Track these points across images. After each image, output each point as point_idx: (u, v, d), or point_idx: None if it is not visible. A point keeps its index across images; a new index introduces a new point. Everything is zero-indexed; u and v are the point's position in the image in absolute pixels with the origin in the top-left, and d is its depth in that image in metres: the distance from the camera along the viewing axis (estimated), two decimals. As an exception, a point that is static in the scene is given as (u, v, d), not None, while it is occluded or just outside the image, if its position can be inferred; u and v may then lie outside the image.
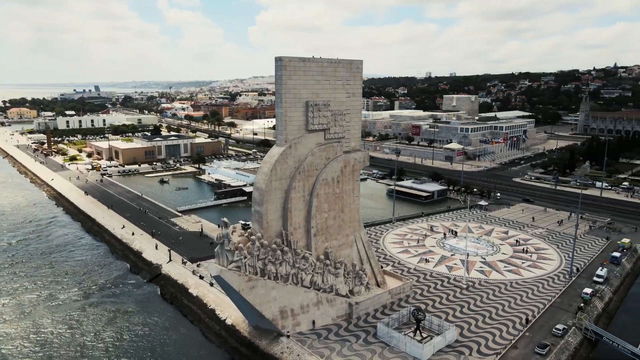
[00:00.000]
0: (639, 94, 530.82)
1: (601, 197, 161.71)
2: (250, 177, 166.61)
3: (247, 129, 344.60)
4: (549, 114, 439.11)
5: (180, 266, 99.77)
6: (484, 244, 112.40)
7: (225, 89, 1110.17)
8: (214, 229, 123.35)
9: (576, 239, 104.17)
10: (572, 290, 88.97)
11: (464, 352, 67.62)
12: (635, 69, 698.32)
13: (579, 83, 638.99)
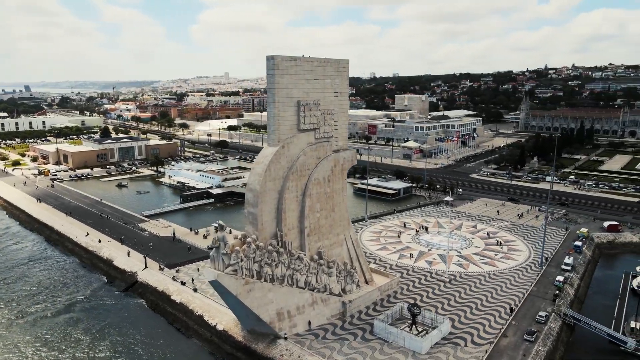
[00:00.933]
0: (570, 94, 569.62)
1: (552, 190, 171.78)
2: (215, 179, 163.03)
3: (200, 130, 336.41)
4: (491, 112, 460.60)
5: (157, 273, 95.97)
6: (456, 238, 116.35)
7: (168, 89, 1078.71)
8: (185, 233, 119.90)
9: (546, 230, 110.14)
10: (544, 278, 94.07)
11: (460, 344, 69.79)
12: (563, 70, 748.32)
13: (515, 83, 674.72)
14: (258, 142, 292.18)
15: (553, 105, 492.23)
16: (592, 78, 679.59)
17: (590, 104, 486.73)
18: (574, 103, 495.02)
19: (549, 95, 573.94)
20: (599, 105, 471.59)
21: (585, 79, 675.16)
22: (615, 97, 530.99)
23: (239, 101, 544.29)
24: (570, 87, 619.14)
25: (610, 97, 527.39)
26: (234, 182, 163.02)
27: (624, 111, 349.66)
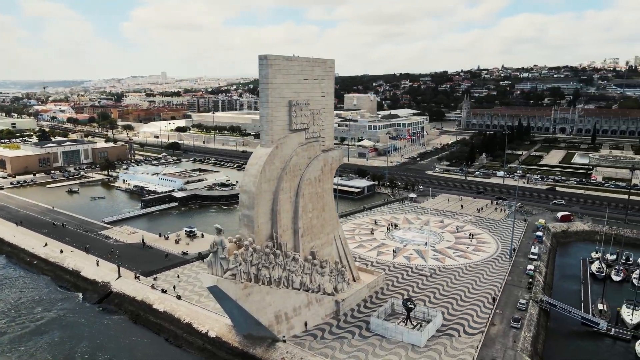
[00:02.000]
0: (502, 93, 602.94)
1: (504, 184, 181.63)
2: (177, 182, 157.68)
3: (146, 132, 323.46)
4: (433, 111, 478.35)
5: (134, 282, 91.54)
6: (427, 233, 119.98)
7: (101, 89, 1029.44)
8: (155, 239, 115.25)
9: (514, 223, 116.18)
10: (516, 268, 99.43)
11: (454, 335, 72.32)
12: (494, 71, 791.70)
13: (452, 83, 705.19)
14: (210, 144, 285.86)
15: (488, 104, 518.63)
16: (521, 78, 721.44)
17: (522, 102, 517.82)
18: (507, 102, 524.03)
19: (484, 94, 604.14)
20: (530, 103, 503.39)
21: (514, 79, 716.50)
22: (543, 96, 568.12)
23: (183, 102, 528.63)
24: (502, 87, 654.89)
25: (538, 96, 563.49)
26: (197, 185, 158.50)
27: (554, 109, 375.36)
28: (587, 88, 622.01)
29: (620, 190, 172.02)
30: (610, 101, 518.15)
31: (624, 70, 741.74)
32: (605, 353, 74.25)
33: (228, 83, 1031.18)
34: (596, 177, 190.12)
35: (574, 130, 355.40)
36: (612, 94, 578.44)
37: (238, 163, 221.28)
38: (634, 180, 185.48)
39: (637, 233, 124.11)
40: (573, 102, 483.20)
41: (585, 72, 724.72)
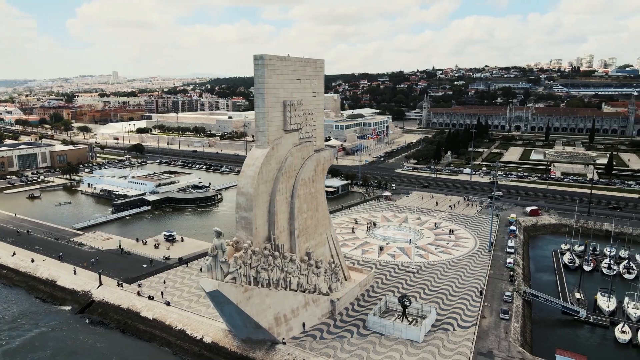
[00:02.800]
0: (458, 92, 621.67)
1: (471, 180, 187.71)
2: (148, 185, 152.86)
3: (105, 134, 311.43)
4: (394, 110, 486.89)
5: (117, 289, 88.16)
6: (407, 230, 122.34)
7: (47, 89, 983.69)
8: (132, 245, 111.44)
9: (492, 219, 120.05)
10: (496, 262, 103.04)
11: (449, 329, 74.16)
12: (449, 71, 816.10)
13: (409, 83, 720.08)
14: (174, 145, 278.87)
15: (445, 103, 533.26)
16: (474, 78, 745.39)
17: (476, 102, 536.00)
18: (463, 101, 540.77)
19: (441, 94, 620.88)
20: (484, 103, 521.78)
21: (468, 79, 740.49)
22: (496, 95, 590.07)
23: (140, 102, 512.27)
24: (457, 86, 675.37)
25: (492, 96, 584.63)
26: (169, 188, 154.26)
27: (509, 108, 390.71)
28: (535, 88, 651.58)
29: (578, 184, 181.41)
30: (557, 100, 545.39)
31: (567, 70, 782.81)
32: (586, 339, 78.25)
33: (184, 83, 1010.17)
34: (555, 172, 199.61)
35: (528, 128, 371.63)
36: (558, 93, 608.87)
37: (207, 164, 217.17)
38: (589, 174, 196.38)
39: (600, 225, 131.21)
40: (524, 101, 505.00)
41: (532, 73, 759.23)
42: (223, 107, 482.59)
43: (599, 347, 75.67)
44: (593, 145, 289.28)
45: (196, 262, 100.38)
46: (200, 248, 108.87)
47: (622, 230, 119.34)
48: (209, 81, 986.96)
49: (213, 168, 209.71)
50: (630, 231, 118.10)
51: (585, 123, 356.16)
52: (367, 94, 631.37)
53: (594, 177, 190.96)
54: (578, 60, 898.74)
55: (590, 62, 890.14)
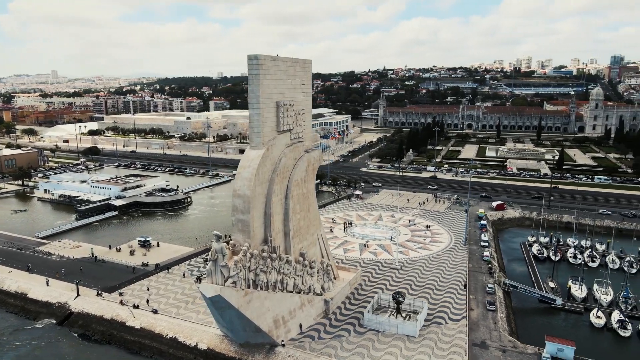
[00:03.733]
0: (410, 92, 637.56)
1: (436, 178, 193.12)
2: (113, 190, 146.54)
3: (53, 137, 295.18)
4: (349, 110, 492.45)
5: (97, 299, 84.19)
6: (383, 228, 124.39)
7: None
8: (105, 252, 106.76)
9: (468, 215, 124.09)
10: (473, 255, 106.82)
11: (441, 322, 76.26)
12: (399, 71, 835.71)
13: (362, 82, 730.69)
14: (130, 147, 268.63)
15: (399, 102, 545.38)
16: (423, 78, 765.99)
17: (428, 101, 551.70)
18: (416, 101, 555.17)
19: (394, 93, 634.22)
20: (435, 102, 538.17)
21: (418, 79, 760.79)
22: (446, 95, 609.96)
23: (88, 103, 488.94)
24: (409, 86, 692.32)
25: (442, 95, 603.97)
26: (136, 192, 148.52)
27: (461, 107, 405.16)
28: (481, 88, 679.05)
29: (535, 179, 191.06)
30: (503, 99, 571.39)
31: (509, 71, 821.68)
32: (565, 325, 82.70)
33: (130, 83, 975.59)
34: (512, 168, 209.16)
35: (479, 126, 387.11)
36: (503, 92, 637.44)
37: (170, 167, 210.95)
38: (542, 170, 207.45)
39: (560, 217, 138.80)
40: (472, 100, 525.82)
41: (478, 73, 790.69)
42: (177, 107, 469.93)
43: (577, 332, 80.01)
44: (540, 142, 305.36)
45: (177, 268, 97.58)
46: (179, 253, 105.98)
47: (580, 222, 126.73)
48: (158, 81, 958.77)
49: (177, 170, 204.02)
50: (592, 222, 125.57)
51: (532, 121, 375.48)
52: (322, 94, 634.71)
53: (547, 172, 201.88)
54: (518, 61, 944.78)
55: (529, 63, 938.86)
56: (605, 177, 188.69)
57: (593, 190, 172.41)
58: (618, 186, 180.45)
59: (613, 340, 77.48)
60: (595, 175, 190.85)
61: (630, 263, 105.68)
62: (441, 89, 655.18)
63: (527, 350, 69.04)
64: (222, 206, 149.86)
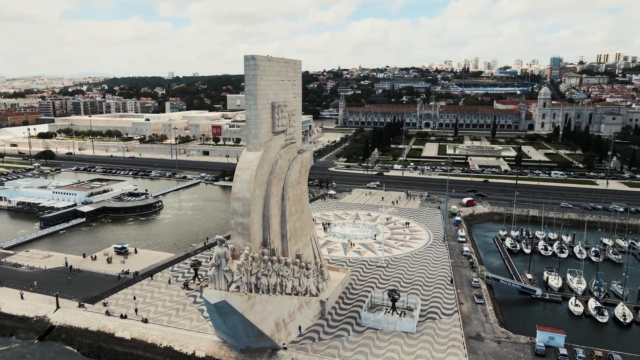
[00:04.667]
0: (366, 92, 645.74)
1: (403, 176, 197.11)
2: (78, 195, 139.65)
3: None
4: (309, 110, 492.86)
5: (79, 311, 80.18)
6: (363, 227, 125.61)
7: None
8: (79, 261, 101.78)
9: (446, 213, 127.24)
10: (453, 251, 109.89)
11: (435, 317, 78.04)
12: (354, 71, 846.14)
13: (319, 82, 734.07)
14: (86, 150, 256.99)
15: (356, 102, 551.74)
16: (378, 78, 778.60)
17: (384, 100, 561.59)
18: (372, 100, 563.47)
19: (350, 93, 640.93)
20: (391, 101, 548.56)
21: (372, 79, 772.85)
22: (401, 94, 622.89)
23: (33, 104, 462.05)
24: (364, 86, 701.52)
25: (397, 95, 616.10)
26: (103, 197, 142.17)
27: (419, 107, 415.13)
28: (434, 87, 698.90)
29: (497, 175, 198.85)
30: (455, 98, 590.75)
31: (458, 71, 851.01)
32: (546, 314, 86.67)
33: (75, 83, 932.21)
34: (474, 165, 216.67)
35: (437, 124, 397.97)
36: (455, 92, 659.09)
37: (133, 170, 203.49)
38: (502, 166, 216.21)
39: (526, 212, 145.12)
40: (427, 99, 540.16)
41: (429, 73, 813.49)
42: (131, 109, 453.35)
43: (559, 320, 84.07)
44: (496, 139, 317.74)
45: (160, 275, 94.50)
46: (159, 259, 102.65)
47: (545, 215, 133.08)
48: (105, 81, 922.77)
49: (141, 174, 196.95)
50: (555, 215, 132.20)
51: (485, 119, 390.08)
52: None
53: (507, 168, 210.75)
54: (466, 62, 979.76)
55: (476, 63, 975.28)
56: (561, 172, 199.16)
57: (551, 185, 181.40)
58: (573, 180, 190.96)
59: (592, 326, 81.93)
60: (552, 171, 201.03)
61: (596, 253, 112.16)
62: (396, 89, 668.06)
63: (520, 340, 71.90)
64: (196, 209, 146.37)
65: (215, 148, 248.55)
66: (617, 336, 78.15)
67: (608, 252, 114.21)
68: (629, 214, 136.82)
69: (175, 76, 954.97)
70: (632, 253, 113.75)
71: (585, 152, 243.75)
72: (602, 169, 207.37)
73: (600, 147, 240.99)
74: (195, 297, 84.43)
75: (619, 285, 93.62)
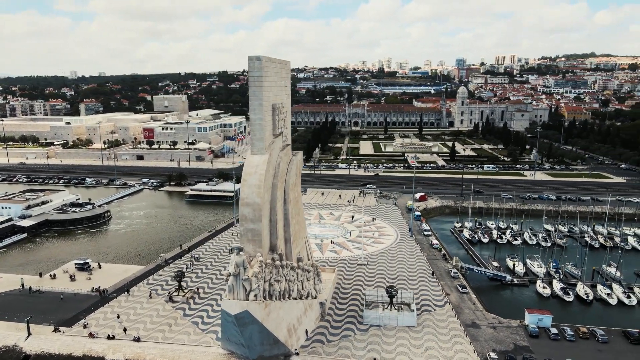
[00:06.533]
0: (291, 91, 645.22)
1: (350, 174, 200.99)
2: (14, 209, 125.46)
3: None
4: (236, 111, 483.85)
5: (56, 336, 72.71)
6: (329, 227, 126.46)
7: None
8: (37, 281, 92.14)
9: (413, 209, 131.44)
10: (422, 244, 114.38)
11: (429, 310, 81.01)
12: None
13: (241, 82, 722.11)
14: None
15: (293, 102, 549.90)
16: (299, 78, 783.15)
17: (309, 100, 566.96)
18: (297, 100, 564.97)
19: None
20: (315, 101, 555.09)
21: (294, 79, 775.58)
22: (324, 94, 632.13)
23: None
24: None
25: (321, 94, 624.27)
26: (43, 209, 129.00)
27: (348, 106, 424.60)
28: (354, 87, 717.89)
29: (436, 170, 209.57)
30: (376, 97, 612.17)
31: (374, 71, 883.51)
32: (519, 297, 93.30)
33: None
34: (414, 161, 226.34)
35: (365, 123, 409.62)
36: (374, 91, 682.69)
37: (64, 178, 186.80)
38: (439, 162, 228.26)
39: (473, 203, 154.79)
40: (349, 99, 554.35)
41: (348, 73, 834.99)
42: (39, 111, 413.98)
43: (531, 301, 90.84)
44: (423, 136, 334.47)
45: (137, 289, 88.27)
46: (129, 272, 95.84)
47: (491, 206, 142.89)
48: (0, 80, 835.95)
49: (74, 182, 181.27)
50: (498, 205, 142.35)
51: (410, 117, 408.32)
52: (202, 94, 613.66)
53: (444, 164, 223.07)
54: (380, 62, 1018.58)
55: (389, 64, 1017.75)
56: (493, 165, 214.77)
57: (487, 177, 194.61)
58: (504, 173, 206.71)
59: (560, 305, 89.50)
60: (485, 165, 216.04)
61: (545, 238, 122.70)
62: (318, 89, 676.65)
63: (512, 324, 77.00)
64: (149, 218, 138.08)
65: (150, 152, 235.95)
66: (586, 312, 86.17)
67: (554, 237, 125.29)
68: (561, 201, 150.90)
69: (81, 76, 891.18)
70: (574, 236, 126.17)
71: (507, 146, 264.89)
72: (525, 162, 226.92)
73: (519, 141, 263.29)
74: (184, 309, 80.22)
75: (572, 267, 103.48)
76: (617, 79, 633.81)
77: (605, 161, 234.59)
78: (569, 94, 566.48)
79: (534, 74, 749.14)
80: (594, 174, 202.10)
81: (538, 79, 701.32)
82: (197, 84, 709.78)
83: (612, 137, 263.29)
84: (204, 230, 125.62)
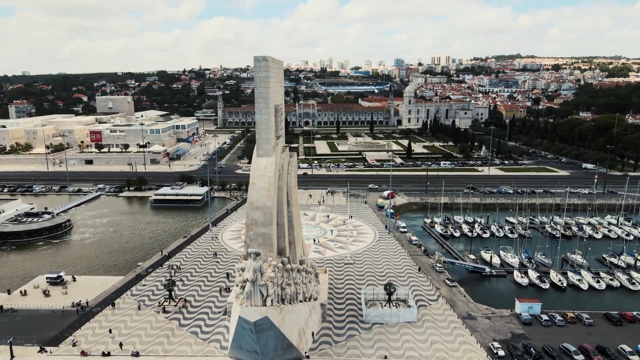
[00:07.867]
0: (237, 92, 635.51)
1: (313, 174, 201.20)
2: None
3: None
4: (182, 111, 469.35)
5: (43, 356, 67.44)
6: (306, 227, 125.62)
7: None
8: (6, 299, 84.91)
9: (390, 207, 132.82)
10: (401, 241, 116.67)
11: (425, 304, 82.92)
12: (217, 71, 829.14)
13: (182, 83, 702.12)
14: None
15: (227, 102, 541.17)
16: (242, 78, 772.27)
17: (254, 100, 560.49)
18: (244, 100, 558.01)
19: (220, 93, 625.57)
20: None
21: (237, 79, 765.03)
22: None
23: None
24: (231, 86, 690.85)
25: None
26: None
27: (298, 106, 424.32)
28: (299, 86, 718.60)
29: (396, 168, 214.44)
30: (322, 97, 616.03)
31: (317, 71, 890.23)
32: (499, 287, 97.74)
33: None
34: (373, 160, 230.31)
35: (315, 122, 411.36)
36: (320, 91, 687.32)
37: (8, 186, 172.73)
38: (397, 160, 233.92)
39: (437, 199, 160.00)
40: (295, 98, 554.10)
41: (292, 73, 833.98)
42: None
43: (511, 291, 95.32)
44: (375, 135, 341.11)
45: (122, 301, 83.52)
46: (108, 284, 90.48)
47: (454, 201, 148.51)
48: None
49: (21, 190, 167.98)
50: (463, 200, 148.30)
51: (359, 116, 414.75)
52: (143, 95, 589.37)
53: (402, 161, 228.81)
54: (321, 62, 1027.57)
55: (330, 64, 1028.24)
56: (449, 162, 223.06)
57: (445, 174, 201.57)
58: (459, 169, 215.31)
59: (537, 292, 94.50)
60: (441, 161, 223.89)
61: (510, 230, 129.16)
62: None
63: (504, 313, 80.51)
64: (114, 225, 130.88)
65: (100, 156, 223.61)
66: (563, 298, 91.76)
67: (518, 228, 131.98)
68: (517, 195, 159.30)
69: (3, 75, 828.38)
70: (535, 227, 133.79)
71: (457, 143, 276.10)
72: (476, 158, 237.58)
73: (468, 138, 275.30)
74: (179, 319, 76.98)
75: (542, 256, 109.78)
76: (544, 79, 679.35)
77: (548, 156, 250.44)
78: (503, 93, 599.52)
79: (469, 74, 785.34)
80: (541, 167, 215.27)
81: (473, 78, 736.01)
82: (137, 84, 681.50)
83: (550, 133, 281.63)
84: (177, 235, 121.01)
